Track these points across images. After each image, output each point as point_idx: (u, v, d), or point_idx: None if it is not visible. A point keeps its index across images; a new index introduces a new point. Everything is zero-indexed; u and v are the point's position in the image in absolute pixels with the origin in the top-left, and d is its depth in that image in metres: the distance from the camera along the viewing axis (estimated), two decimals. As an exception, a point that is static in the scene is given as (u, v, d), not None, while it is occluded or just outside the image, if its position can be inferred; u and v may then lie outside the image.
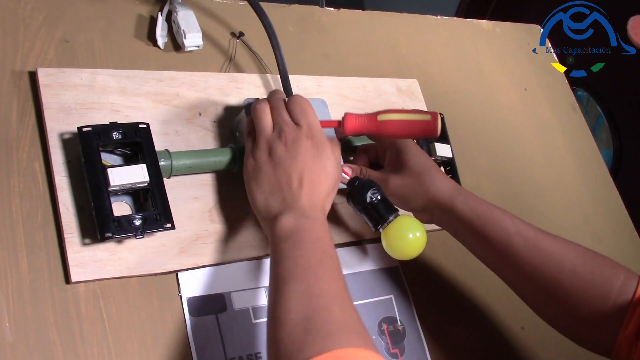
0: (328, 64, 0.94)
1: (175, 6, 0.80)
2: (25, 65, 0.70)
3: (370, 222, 0.74)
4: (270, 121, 0.70)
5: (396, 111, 0.73)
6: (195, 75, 0.79)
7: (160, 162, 0.68)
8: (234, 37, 0.87)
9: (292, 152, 0.67)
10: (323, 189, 0.68)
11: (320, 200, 0.67)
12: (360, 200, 0.74)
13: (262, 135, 0.69)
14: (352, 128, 0.73)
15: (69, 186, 0.65)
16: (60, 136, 0.67)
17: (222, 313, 0.69)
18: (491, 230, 0.74)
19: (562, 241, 0.75)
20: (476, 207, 0.75)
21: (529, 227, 0.75)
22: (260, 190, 0.67)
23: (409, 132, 0.73)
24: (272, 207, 0.66)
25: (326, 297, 0.58)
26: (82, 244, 0.64)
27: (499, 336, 0.89)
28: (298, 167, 0.66)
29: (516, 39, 1.23)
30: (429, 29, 1.11)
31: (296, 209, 0.65)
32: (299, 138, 0.68)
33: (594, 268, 0.72)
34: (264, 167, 0.68)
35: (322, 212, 0.67)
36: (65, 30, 0.74)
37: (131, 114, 0.72)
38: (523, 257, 0.73)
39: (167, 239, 0.68)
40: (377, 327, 0.79)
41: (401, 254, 0.74)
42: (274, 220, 0.65)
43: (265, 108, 0.71)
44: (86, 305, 0.63)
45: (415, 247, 0.73)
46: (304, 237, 0.63)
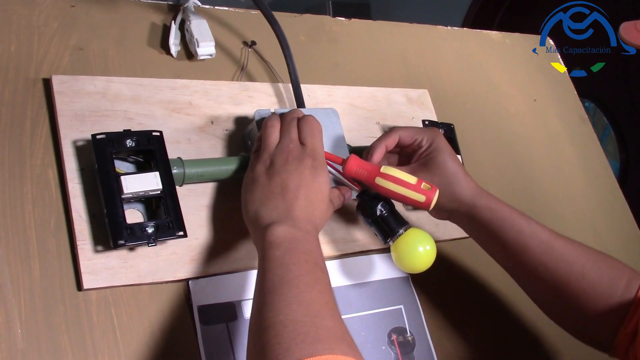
0: (339, 73, 0.94)
1: (188, 15, 0.81)
2: (40, 72, 0.70)
3: (380, 234, 0.74)
4: (277, 138, 0.70)
5: (395, 179, 0.72)
6: (207, 83, 0.79)
7: (173, 170, 0.68)
8: (246, 46, 0.87)
9: (292, 167, 0.67)
10: (318, 206, 0.67)
11: (314, 216, 0.67)
12: (370, 212, 0.74)
13: (265, 150, 0.70)
14: (351, 172, 0.73)
15: (82, 193, 0.66)
16: (73, 143, 0.67)
17: (233, 322, 0.69)
18: (508, 232, 0.76)
19: (573, 243, 0.77)
20: (496, 209, 0.77)
21: (544, 230, 0.77)
22: (253, 199, 0.67)
23: (401, 200, 0.73)
24: (264, 216, 0.65)
25: (317, 305, 0.57)
26: (95, 251, 0.64)
27: (509, 347, 0.89)
28: (295, 180, 0.66)
29: (525, 50, 1.23)
30: (439, 39, 1.11)
31: (289, 220, 0.64)
32: (300, 156, 0.68)
33: (602, 270, 0.75)
34: (260, 178, 0.68)
35: (315, 228, 0.67)
36: (79, 38, 0.75)
37: (144, 122, 0.72)
38: (536, 259, 0.75)
39: (179, 247, 0.69)
40: (386, 337, 0.79)
41: (411, 267, 0.74)
42: (266, 228, 0.63)
43: (276, 125, 0.71)
44: (98, 313, 0.63)
45: (425, 260, 0.73)
46: (297, 246, 0.62)
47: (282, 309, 0.55)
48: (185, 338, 0.67)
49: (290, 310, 0.55)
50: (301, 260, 0.61)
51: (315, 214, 0.67)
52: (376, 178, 0.72)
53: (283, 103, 0.84)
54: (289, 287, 0.58)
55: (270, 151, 0.69)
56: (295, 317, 0.55)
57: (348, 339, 0.56)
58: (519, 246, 0.76)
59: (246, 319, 0.70)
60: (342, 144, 0.80)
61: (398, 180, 0.72)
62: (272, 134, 0.70)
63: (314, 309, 0.56)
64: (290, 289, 0.57)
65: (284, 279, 0.59)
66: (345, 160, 0.73)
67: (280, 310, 0.55)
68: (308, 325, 0.54)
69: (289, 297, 0.57)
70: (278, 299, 0.57)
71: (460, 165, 0.79)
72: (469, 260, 0.92)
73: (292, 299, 0.56)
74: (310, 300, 0.57)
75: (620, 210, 1.17)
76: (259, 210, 0.66)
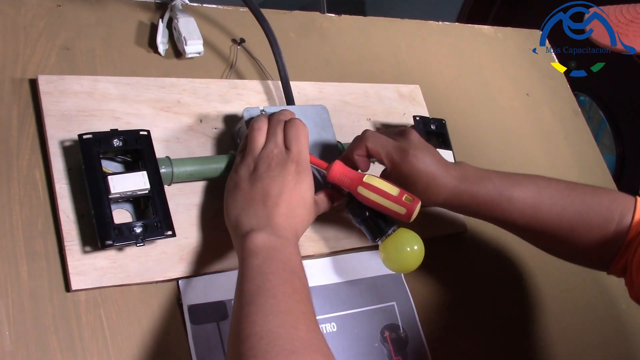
0: (329, 70, 0.94)
1: (176, 13, 0.80)
2: (26, 72, 0.70)
3: (369, 234, 0.74)
4: (262, 142, 0.70)
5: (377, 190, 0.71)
6: (196, 82, 0.79)
7: (161, 169, 0.68)
8: (234, 43, 0.87)
9: (274, 173, 0.67)
10: (299, 213, 0.67)
11: (295, 224, 0.67)
12: (359, 212, 0.73)
13: (250, 154, 0.69)
14: (334, 179, 0.72)
15: (70, 194, 0.65)
16: (60, 144, 0.67)
17: (224, 321, 0.69)
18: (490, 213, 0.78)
19: (557, 200, 0.78)
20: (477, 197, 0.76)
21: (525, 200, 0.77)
22: (235, 205, 0.67)
23: (382, 211, 0.72)
24: (244, 222, 0.65)
25: (293, 315, 0.57)
26: (83, 251, 0.64)
27: (502, 343, 0.89)
28: (277, 186, 0.66)
29: (518, 45, 1.22)
30: (430, 34, 1.11)
31: (269, 227, 0.64)
32: (284, 161, 0.68)
33: (594, 207, 0.78)
34: (242, 183, 0.68)
35: (295, 235, 0.67)
36: (65, 37, 0.74)
37: (132, 121, 0.72)
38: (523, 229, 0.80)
39: (168, 246, 0.68)
40: (379, 334, 0.78)
41: (399, 267, 0.74)
42: (245, 235, 0.63)
43: (262, 127, 0.71)
44: (86, 314, 0.63)
45: (413, 260, 0.73)
46: (275, 255, 0.62)
47: (258, 320, 0.56)
48: (176, 338, 0.66)
49: (267, 321, 0.56)
50: (279, 269, 0.61)
51: (297, 221, 0.67)
52: (358, 187, 0.71)
53: (273, 100, 0.84)
54: (265, 297, 0.58)
55: (255, 155, 0.69)
56: (271, 328, 0.55)
57: (324, 350, 0.56)
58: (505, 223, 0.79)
59: (237, 318, 0.70)
60: (332, 141, 0.80)
61: (379, 191, 0.70)
62: (257, 137, 0.70)
63: (290, 320, 0.56)
64: (267, 299, 0.58)
65: (261, 289, 0.59)
66: (329, 166, 0.72)
67: (256, 321, 0.56)
68: (283, 337, 0.54)
69: (266, 307, 0.57)
70: (255, 309, 0.57)
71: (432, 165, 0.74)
72: (462, 256, 0.92)
73: (269, 310, 0.57)
74: (287, 310, 0.57)
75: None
76: (240, 216, 0.66)
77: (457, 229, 0.91)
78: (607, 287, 1.04)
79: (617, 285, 1.06)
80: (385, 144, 0.75)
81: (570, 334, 0.95)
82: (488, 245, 0.95)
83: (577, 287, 1.01)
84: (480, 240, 0.94)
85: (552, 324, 0.94)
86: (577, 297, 1.00)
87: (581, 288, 1.01)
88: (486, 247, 0.94)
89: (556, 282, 0.98)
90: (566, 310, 0.98)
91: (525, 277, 0.96)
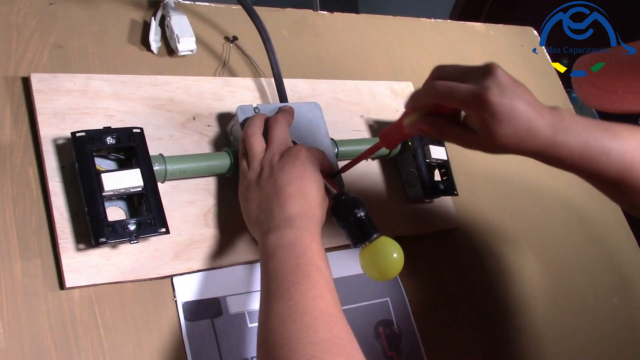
0: (322, 67, 0.94)
1: (168, 11, 0.80)
2: (19, 71, 0.70)
3: (351, 239, 0.71)
4: (261, 145, 0.71)
5: None
6: (189, 79, 0.79)
7: (155, 167, 0.68)
8: (227, 41, 0.87)
9: (281, 165, 0.68)
10: (314, 196, 0.67)
11: (311, 208, 0.66)
12: (344, 216, 0.71)
13: (254, 159, 0.70)
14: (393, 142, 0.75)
15: (63, 191, 0.65)
16: (53, 141, 0.67)
17: (218, 317, 0.69)
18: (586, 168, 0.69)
19: None
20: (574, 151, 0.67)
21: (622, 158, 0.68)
22: (251, 207, 0.68)
23: None
24: (262, 222, 0.66)
25: (311, 315, 0.57)
26: (77, 249, 0.64)
27: (495, 338, 0.89)
28: (286, 175, 0.67)
29: (510, 42, 1.23)
30: (423, 31, 1.11)
31: (282, 221, 0.64)
32: (289, 152, 0.69)
33: None
34: (253, 185, 0.68)
35: (313, 220, 0.66)
36: (58, 35, 0.74)
37: (125, 119, 0.72)
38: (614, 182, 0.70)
39: (162, 243, 0.68)
40: (373, 330, 0.79)
41: (379, 274, 0.70)
42: (263, 237, 0.64)
43: (256, 132, 0.72)
44: (81, 311, 0.63)
45: (392, 268, 0.69)
46: (290, 251, 0.62)
47: (277, 327, 0.56)
48: (170, 335, 0.66)
49: (285, 327, 0.56)
50: (294, 267, 0.61)
51: (313, 205, 0.67)
52: None
53: (266, 98, 0.84)
54: (283, 300, 0.58)
55: (259, 158, 0.70)
56: (290, 334, 0.55)
57: (346, 348, 0.55)
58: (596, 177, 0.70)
59: (231, 314, 0.70)
60: (325, 138, 0.80)
61: None
62: (255, 143, 0.71)
63: (308, 322, 0.56)
64: (285, 303, 0.58)
65: (277, 292, 0.59)
66: None
67: (275, 328, 0.56)
68: (303, 342, 0.54)
69: (284, 313, 0.57)
70: (274, 316, 0.57)
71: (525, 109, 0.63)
72: (455, 251, 0.92)
73: (286, 314, 0.57)
74: (304, 311, 0.57)
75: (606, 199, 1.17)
76: (259, 217, 0.67)
77: (449, 225, 0.92)
78: (599, 281, 1.05)
79: (609, 280, 1.07)
80: (460, 94, 0.64)
81: (563, 329, 0.96)
82: (480, 241, 0.95)
83: (570, 283, 1.02)
84: (472, 236, 0.94)
85: (545, 319, 0.95)
86: (570, 293, 1.01)
87: (573, 283, 1.02)
88: (478, 243, 0.95)
89: (549, 278, 0.99)
90: (558, 305, 0.98)
91: (517, 273, 0.96)
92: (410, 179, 0.88)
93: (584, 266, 1.05)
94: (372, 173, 0.88)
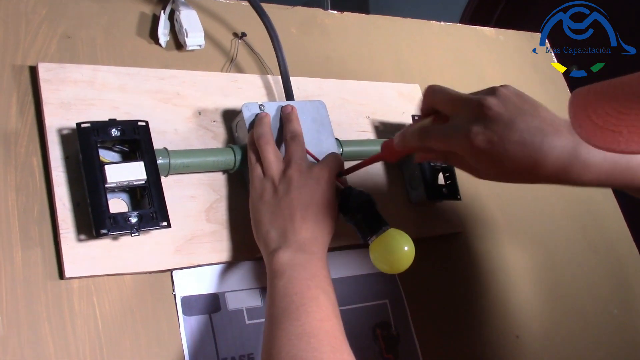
0: (330, 66, 0.94)
1: (178, 5, 0.80)
2: (26, 59, 0.70)
3: (360, 233, 0.72)
4: (275, 155, 0.70)
5: None
6: (196, 74, 0.79)
7: (158, 160, 0.68)
8: (236, 37, 0.87)
9: (300, 185, 0.67)
10: (328, 223, 0.68)
11: (323, 235, 0.67)
12: (353, 210, 0.72)
13: (269, 169, 0.70)
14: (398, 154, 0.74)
15: (66, 182, 0.65)
16: (59, 132, 0.67)
17: (216, 313, 0.69)
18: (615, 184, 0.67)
19: None
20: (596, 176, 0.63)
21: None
22: (262, 219, 0.68)
23: None
24: (272, 240, 0.66)
25: (317, 337, 0.58)
26: (78, 240, 0.64)
27: (493, 343, 0.89)
28: (304, 199, 0.67)
29: (519, 47, 1.23)
30: (432, 34, 1.11)
31: (295, 243, 0.65)
32: (311, 175, 0.69)
33: None
34: (267, 195, 0.68)
35: (323, 246, 0.67)
36: (67, 26, 0.74)
37: (131, 111, 0.72)
38: None
39: (163, 237, 0.68)
40: (371, 332, 0.79)
41: (389, 267, 0.71)
42: (272, 254, 0.65)
43: (270, 141, 0.71)
44: (79, 302, 0.63)
45: (403, 261, 0.70)
46: (300, 273, 0.63)
47: (283, 345, 0.57)
48: (168, 328, 0.66)
49: (291, 346, 0.57)
50: (303, 288, 0.61)
51: (324, 232, 0.67)
52: None
53: (272, 95, 0.84)
54: (290, 319, 0.59)
55: (276, 170, 0.69)
56: (295, 353, 0.56)
57: None
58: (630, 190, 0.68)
59: (229, 311, 0.70)
60: (330, 137, 0.80)
61: None
62: (269, 154, 0.70)
63: (314, 343, 0.57)
64: (292, 322, 0.59)
65: (285, 311, 0.60)
66: None
67: (282, 346, 0.57)
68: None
69: (290, 331, 0.58)
70: (280, 334, 0.58)
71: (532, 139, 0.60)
72: (455, 255, 0.92)
73: (292, 333, 0.58)
74: (311, 332, 0.58)
75: (610, 208, 1.17)
76: (269, 232, 0.67)
77: (451, 229, 0.92)
78: (599, 291, 1.05)
79: (610, 289, 1.06)
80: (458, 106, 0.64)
81: (561, 337, 0.96)
82: (483, 246, 0.95)
83: (570, 291, 1.01)
84: (475, 240, 0.94)
85: (544, 327, 0.94)
86: (569, 301, 1.01)
87: (573, 292, 1.02)
88: (481, 247, 0.95)
89: (549, 286, 0.99)
90: (557, 314, 0.98)
91: (518, 280, 0.96)
92: (413, 182, 0.88)
93: (585, 274, 1.05)
94: (375, 175, 0.88)
